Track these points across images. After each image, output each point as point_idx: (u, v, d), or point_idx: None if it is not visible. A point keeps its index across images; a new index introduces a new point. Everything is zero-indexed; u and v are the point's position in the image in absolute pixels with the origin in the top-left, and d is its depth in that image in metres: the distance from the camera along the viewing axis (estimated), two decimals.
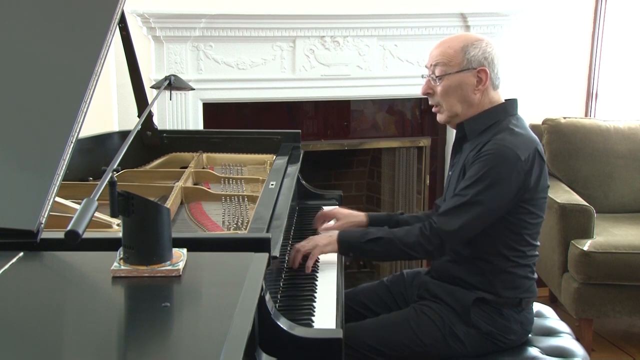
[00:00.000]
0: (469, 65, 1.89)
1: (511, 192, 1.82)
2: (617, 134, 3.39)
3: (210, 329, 1.04)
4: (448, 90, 1.92)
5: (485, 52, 1.90)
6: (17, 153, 1.36)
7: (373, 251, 1.92)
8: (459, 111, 1.93)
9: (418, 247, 1.86)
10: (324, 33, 3.12)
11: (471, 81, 1.90)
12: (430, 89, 1.96)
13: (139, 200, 1.18)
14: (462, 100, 1.92)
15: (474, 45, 1.90)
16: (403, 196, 3.74)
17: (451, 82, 1.91)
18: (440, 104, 1.95)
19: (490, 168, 1.81)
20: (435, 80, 1.93)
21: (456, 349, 1.89)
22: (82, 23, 1.57)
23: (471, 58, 1.89)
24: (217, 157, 2.48)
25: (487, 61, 1.90)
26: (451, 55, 1.90)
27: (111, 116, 2.88)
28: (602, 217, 3.17)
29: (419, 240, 1.86)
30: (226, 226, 1.79)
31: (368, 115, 3.42)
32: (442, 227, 1.84)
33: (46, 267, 1.28)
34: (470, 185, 1.83)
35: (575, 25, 3.53)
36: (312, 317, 1.61)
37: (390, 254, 1.97)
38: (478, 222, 1.84)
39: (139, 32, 2.90)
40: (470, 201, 1.82)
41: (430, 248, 1.85)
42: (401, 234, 1.90)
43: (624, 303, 2.89)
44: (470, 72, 1.89)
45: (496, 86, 1.94)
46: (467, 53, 1.89)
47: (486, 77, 1.90)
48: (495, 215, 1.84)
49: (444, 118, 1.98)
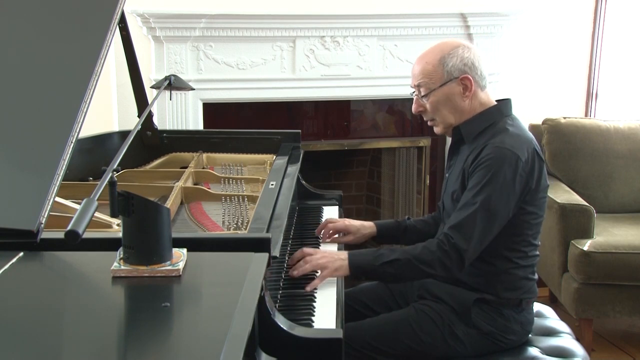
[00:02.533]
0: (450, 76, 1.89)
1: (517, 192, 1.81)
2: (617, 134, 3.39)
3: (210, 329, 1.04)
4: (437, 105, 1.92)
5: (464, 59, 1.89)
6: (17, 153, 1.36)
7: (388, 274, 1.84)
8: (452, 121, 1.94)
9: (436, 264, 1.79)
10: (324, 33, 3.12)
11: (457, 90, 1.90)
12: (421, 107, 1.96)
13: (139, 200, 1.18)
14: (453, 110, 1.92)
15: (450, 55, 1.89)
16: (403, 196, 3.74)
17: (438, 97, 1.91)
18: (434, 118, 1.97)
19: (494, 172, 1.80)
20: (422, 99, 1.94)
21: (456, 348, 1.89)
22: (82, 23, 1.57)
23: (450, 69, 1.88)
24: (217, 157, 2.48)
25: (467, 67, 1.89)
26: (431, 71, 1.90)
27: (111, 116, 2.88)
28: (602, 217, 3.17)
29: (438, 257, 1.79)
30: (226, 226, 1.79)
31: (368, 115, 3.42)
32: (459, 242, 1.79)
33: (46, 267, 1.28)
34: (478, 192, 1.80)
35: (575, 25, 3.53)
36: (312, 317, 1.61)
37: (406, 274, 1.86)
38: (492, 228, 1.81)
39: (139, 32, 2.90)
40: (480, 209, 1.79)
41: (449, 264, 1.79)
42: (416, 252, 1.82)
43: (624, 303, 2.89)
44: (453, 82, 1.89)
45: (483, 87, 1.94)
46: (445, 65, 1.88)
47: (470, 83, 1.89)
48: (506, 218, 1.82)
49: (440, 130, 1.99)
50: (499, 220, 1.82)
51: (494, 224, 1.81)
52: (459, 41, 1.95)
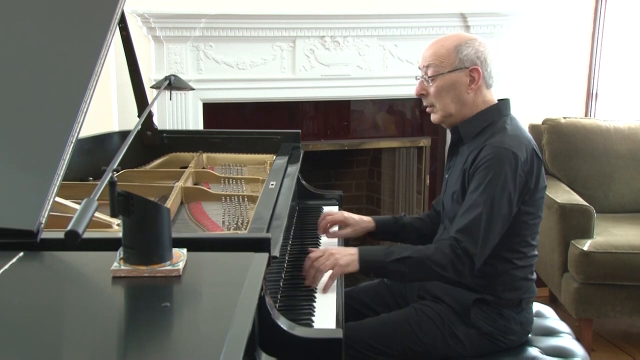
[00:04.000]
0: (462, 64, 1.88)
1: (517, 192, 1.81)
2: (617, 134, 3.39)
3: (210, 329, 1.04)
4: (441, 90, 1.91)
5: (478, 52, 1.89)
6: (17, 153, 1.36)
7: (399, 272, 1.82)
8: (452, 111, 1.93)
9: (449, 267, 1.78)
10: (324, 33, 3.12)
11: (464, 80, 1.89)
12: (424, 90, 1.95)
13: (139, 200, 1.18)
14: (455, 100, 1.91)
15: (466, 44, 1.89)
16: (403, 196, 3.74)
17: (444, 82, 1.90)
18: (434, 104, 1.95)
19: (495, 173, 1.79)
20: (428, 81, 1.92)
21: (456, 349, 1.89)
22: (82, 23, 1.57)
23: (463, 57, 1.88)
24: (217, 157, 2.48)
25: (479, 60, 1.89)
26: (443, 55, 1.89)
27: (111, 116, 2.88)
28: (602, 217, 3.17)
29: (451, 259, 1.78)
30: (226, 226, 1.79)
31: (368, 115, 3.42)
32: (469, 246, 1.77)
33: (46, 267, 1.28)
34: (481, 194, 1.80)
35: (575, 25, 3.53)
36: (312, 317, 1.61)
37: (417, 274, 1.84)
38: (497, 229, 1.81)
39: (139, 32, 2.90)
40: (485, 210, 1.79)
41: (461, 268, 1.78)
42: (430, 252, 1.80)
43: (624, 303, 2.89)
44: (462, 71, 1.89)
45: (489, 85, 1.94)
46: (459, 52, 1.88)
47: (479, 76, 1.89)
48: (509, 218, 1.82)
49: (437, 118, 1.96)
50: (503, 221, 1.82)
51: (499, 224, 1.81)
52: (475, 36, 1.95)
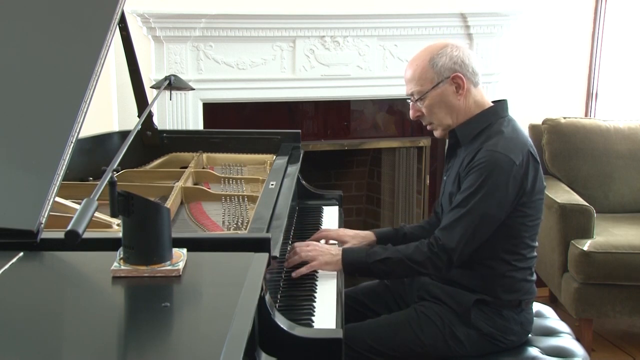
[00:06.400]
0: (441, 76, 1.88)
1: (509, 197, 1.82)
2: (617, 134, 3.39)
3: (210, 329, 1.04)
4: (432, 107, 1.92)
5: (453, 57, 1.88)
6: (17, 153, 1.36)
7: (380, 271, 1.89)
8: (450, 122, 1.94)
9: (428, 264, 1.84)
10: (324, 33, 3.12)
11: (450, 90, 1.90)
12: (418, 112, 1.96)
13: (139, 200, 1.18)
14: (449, 111, 1.92)
15: (439, 55, 1.89)
16: (403, 196, 3.74)
17: (432, 100, 1.91)
18: (432, 122, 1.96)
19: (486, 176, 1.80)
20: (418, 103, 1.93)
21: (456, 349, 1.89)
22: (82, 23, 1.57)
23: (440, 69, 1.88)
24: (217, 157, 2.48)
25: (457, 65, 1.89)
26: (421, 74, 1.90)
27: (111, 116, 2.88)
28: (602, 217, 3.17)
29: (429, 257, 1.83)
30: (226, 226, 1.79)
31: (368, 115, 3.42)
32: (447, 243, 1.82)
33: (46, 267, 1.28)
34: (469, 196, 1.82)
35: (575, 25, 3.53)
36: (312, 317, 1.61)
37: (399, 273, 1.91)
38: (481, 231, 1.83)
39: (139, 32, 2.90)
40: (469, 212, 1.81)
41: (439, 264, 1.83)
42: (409, 251, 1.86)
43: (624, 303, 2.89)
44: (445, 82, 1.89)
45: (476, 83, 1.93)
46: (434, 66, 1.88)
47: (462, 81, 1.89)
48: (497, 222, 1.83)
49: (440, 133, 1.98)
50: (489, 224, 1.83)
51: (483, 227, 1.82)
52: (446, 41, 1.95)
